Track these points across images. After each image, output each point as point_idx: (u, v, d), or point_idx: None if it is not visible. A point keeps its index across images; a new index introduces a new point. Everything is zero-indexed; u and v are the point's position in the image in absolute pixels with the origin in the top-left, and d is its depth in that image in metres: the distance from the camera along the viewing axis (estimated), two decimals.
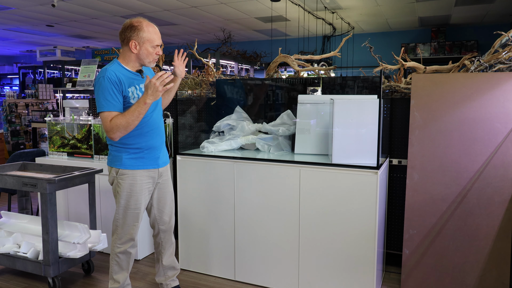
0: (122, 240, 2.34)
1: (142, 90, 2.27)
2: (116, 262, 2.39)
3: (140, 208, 2.34)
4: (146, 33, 2.21)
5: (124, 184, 2.29)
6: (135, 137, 2.27)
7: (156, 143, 2.35)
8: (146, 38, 2.21)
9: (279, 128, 2.91)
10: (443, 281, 2.56)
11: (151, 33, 2.23)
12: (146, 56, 2.24)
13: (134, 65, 2.29)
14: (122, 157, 2.29)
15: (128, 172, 2.28)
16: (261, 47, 8.59)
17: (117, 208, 2.33)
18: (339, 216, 2.46)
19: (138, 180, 2.30)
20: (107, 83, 2.14)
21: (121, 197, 2.30)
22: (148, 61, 2.27)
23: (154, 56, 2.26)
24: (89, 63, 4.66)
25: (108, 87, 2.14)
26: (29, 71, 9.36)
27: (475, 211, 2.49)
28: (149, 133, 2.30)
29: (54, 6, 5.30)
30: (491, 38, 3.06)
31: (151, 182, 2.37)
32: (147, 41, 2.22)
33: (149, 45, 2.23)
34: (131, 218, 2.32)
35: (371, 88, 3.01)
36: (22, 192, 3.31)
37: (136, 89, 2.26)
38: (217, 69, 3.90)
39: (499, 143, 2.45)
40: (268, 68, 3.45)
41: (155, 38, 2.24)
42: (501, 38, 2.62)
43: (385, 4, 5.81)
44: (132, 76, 2.27)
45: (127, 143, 2.28)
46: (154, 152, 2.34)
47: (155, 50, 2.25)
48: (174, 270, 2.59)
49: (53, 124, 3.56)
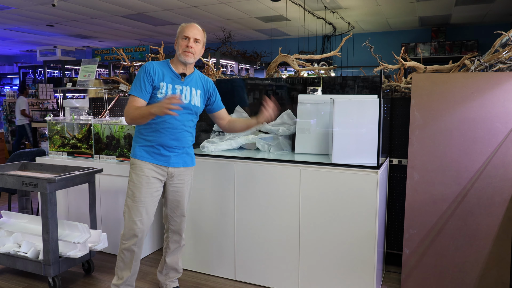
0: (126, 236, 2.35)
1: (175, 89, 2.33)
2: (121, 258, 2.40)
3: (144, 203, 2.33)
4: (180, 28, 2.37)
5: (132, 174, 2.35)
6: (151, 130, 2.32)
7: (169, 142, 2.34)
8: (179, 32, 2.37)
9: (279, 127, 2.91)
10: (443, 281, 2.56)
11: (184, 27, 2.36)
12: (178, 48, 2.34)
13: (177, 65, 2.38)
14: (135, 147, 2.37)
15: (137, 162, 2.34)
16: (261, 47, 8.59)
17: (125, 200, 2.37)
18: (339, 215, 2.46)
19: (146, 172, 2.32)
20: (141, 71, 2.31)
21: (128, 188, 2.36)
22: (179, 53, 2.33)
23: (183, 48, 2.32)
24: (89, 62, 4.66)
25: (141, 74, 2.30)
26: (29, 70, 9.36)
27: (475, 211, 2.49)
28: (165, 131, 2.32)
29: (54, 6, 5.30)
30: (491, 38, 3.06)
31: (159, 179, 2.37)
32: (179, 34, 2.36)
33: (180, 38, 2.34)
34: (134, 212, 2.33)
35: (371, 88, 3.00)
36: (22, 192, 3.31)
37: (168, 86, 2.32)
38: (217, 68, 3.90)
39: (499, 143, 2.45)
40: (268, 68, 3.45)
41: (186, 30, 2.34)
42: (501, 37, 2.62)
43: (385, 4, 5.81)
44: (171, 74, 2.36)
45: (142, 134, 2.35)
46: (165, 150, 2.35)
47: (185, 42, 2.32)
48: (176, 272, 2.61)
49: (53, 124, 3.56)
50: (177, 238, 2.55)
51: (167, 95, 2.29)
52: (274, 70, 3.44)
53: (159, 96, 2.31)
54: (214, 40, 8.41)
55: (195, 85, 2.43)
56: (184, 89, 2.37)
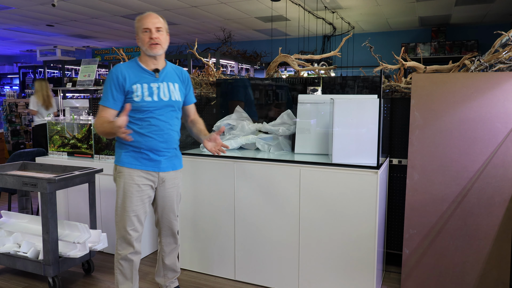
0: (122, 245, 2.26)
1: (151, 89, 2.20)
2: (119, 271, 2.29)
3: (135, 212, 2.23)
4: (137, 22, 2.21)
5: (120, 183, 2.23)
6: (135, 135, 2.19)
7: (158, 145, 2.24)
8: (137, 26, 2.22)
9: (279, 127, 2.91)
10: (443, 281, 2.56)
11: (140, 19, 2.20)
12: (142, 43, 2.20)
13: (147, 61, 2.24)
14: (121, 154, 2.24)
15: (125, 170, 2.22)
16: (261, 47, 8.59)
17: (116, 208, 2.27)
18: (339, 215, 2.46)
19: (135, 180, 2.21)
20: (109, 78, 2.18)
21: (118, 197, 2.25)
22: (145, 48, 2.19)
23: (147, 41, 2.17)
24: (89, 62, 4.66)
25: (109, 82, 2.18)
26: (29, 70, 9.36)
27: (475, 211, 2.49)
28: (152, 134, 2.21)
29: (54, 6, 5.30)
30: (491, 38, 3.06)
31: (150, 185, 2.27)
32: (138, 29, 2.21)
33: (140, 32, 2.19)
34: (127, 222, 2.23)
35: (371, 88, 3.00)
36: (22, 192, 3.31)
37: (143, 87, 2.19)
38: (217, 68, 3.90)
39: (499, 143, 2.45)
40: (268, 68, 3.45)
41: (144, 22, 2.18)
42: (501, 37, 2.62)
43: (385, 4, 5.81)
44: (142, 72, 2.22)
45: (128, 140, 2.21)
46: (154, 155, 2.24)
47: (147, 35, 2.17)
48: (174, 272, 2.55)
49: (53, 124, 3.56)
50: (172, 240, 2.48)
51: (144, 98, 2.18)
52: (274, 70, 3.43)
53: (136, 99, 2.17)
54: (214, 40, 8.41)
55: (172, 79, 2.30)
56: (161, 86, 2.24)
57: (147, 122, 2.20)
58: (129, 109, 2.08)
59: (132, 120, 2.20)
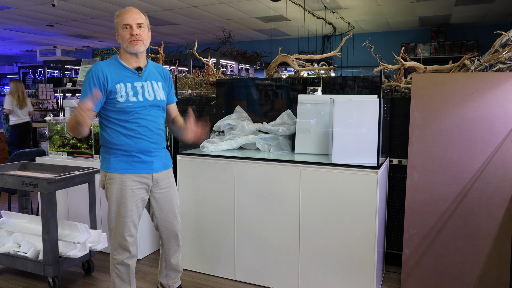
0: (117, 251, 2.22)
1: (135, 88, 2.12)
2: (116, 275, 2.25)
3: (131, 217, 2.17)
4: (117, 17, 2.12)
5: (112, 190, 2.14)
6: (124, 138, 2.12)
7: (148, 146, 2.17)
8: (116, 22, 2.12)
9: (279, 127, 2.91)
10: (443, 281, 2.56)
11: (120, 15, 2.11)
12: (122, 40, 2.11)
13: (128, 59, 2.15)
14: (110, 159, 2.14)
15: (115, 176, 2.13)
16: (261, 47, 8.58)
17: (108, 215, 2.19)
18: (339, 215, 2.46)
19: (128, 185, 2.13)
20: (88, 76, 2.07)
21: (111, 203, 2.16)
22: (126, 46, 2.10)
23: (128, 38, 2.08)
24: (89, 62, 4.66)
25: (88, 81, 2.07)
26: (29, 70, 9.36)
27: (475, 211, 2.49)
28: (141, 136, 2.14)
29: (54, 6, 5.30)
30: (491, 38, 3.06)
31: (144, 188, 2.21)
32: (118, 25, 2.11)
33: (121, 28, 2.09)
34: (122, 228, 2.17)
35: (371, 88, 3.00)
36: (22, 192, 3.31)
37: (127, 86, 2.10)
38: (217, 68, 3.90)
39: (499, 143, 2.45)
40: (268, 68, 3.45)
41: (124, 17, 2.08)
42: (501, 37, 2.61)
43: (385, 4, 5.81)
44: (125, 71, 2.13)
45: (116, 144, 2.13)
46: (146, 156, 2.17)
47: (127, 31, 2.08)
48: (177, 272, 2.52)
49: (53, 124, 3.56)
50: (175, 241, 2.43)
51: (129, 98, 2.09)
52: (274, 70, 3.43)
53: (121, 100, 2.07)
54: (214, 40, 8.41)
55: (155, 77, 2.22)
56: (145, 85, 2.16)
57: (135, 124, 2.12)
58: (100, 95, 1.98)
59: (118, 123, 2.12)
